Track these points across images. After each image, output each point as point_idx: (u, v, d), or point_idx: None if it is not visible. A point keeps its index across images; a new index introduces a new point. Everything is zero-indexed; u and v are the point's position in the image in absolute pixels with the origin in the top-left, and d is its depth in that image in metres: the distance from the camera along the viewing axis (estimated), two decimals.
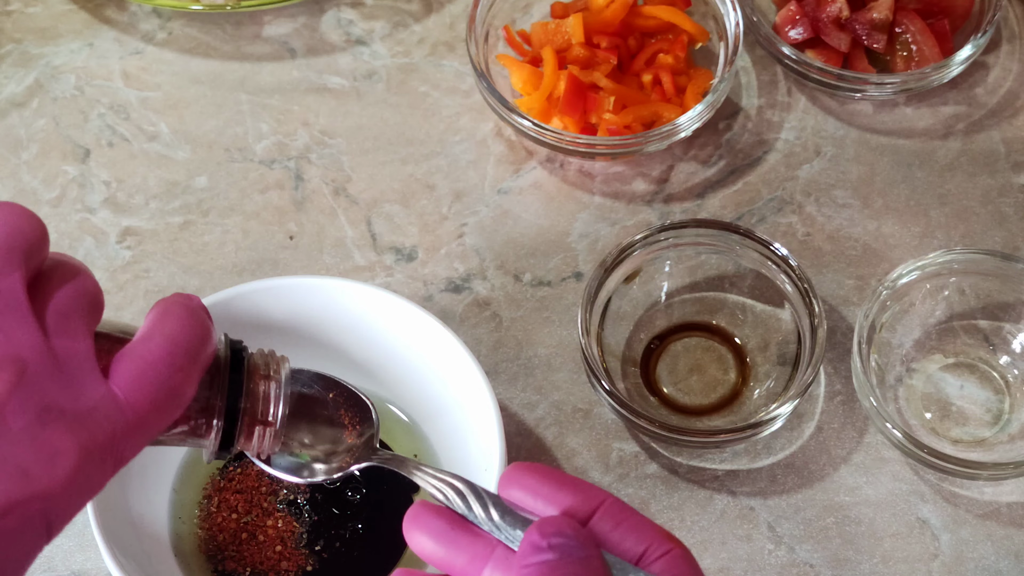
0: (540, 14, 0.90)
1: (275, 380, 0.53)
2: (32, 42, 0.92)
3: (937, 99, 0.88)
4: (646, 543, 0.47)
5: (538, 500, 0.48)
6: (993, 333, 0.79)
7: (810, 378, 0.73)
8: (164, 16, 0.93)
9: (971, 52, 0.84)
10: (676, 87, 0.85)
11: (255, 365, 0.53)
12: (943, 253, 0.78)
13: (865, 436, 0.77)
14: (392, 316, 0.73)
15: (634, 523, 0.47)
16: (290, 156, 0.87)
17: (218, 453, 0.53)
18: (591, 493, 0.48)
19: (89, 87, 0.90)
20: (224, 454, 0.53)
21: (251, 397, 0.52)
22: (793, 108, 0.88)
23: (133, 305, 0.82)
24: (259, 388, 0.53)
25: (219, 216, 0.85)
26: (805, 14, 0.87)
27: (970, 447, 0.76)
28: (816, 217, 0.84)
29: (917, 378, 0.79)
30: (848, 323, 0.81)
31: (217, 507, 0.73)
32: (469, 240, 0.84)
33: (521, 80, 0.86)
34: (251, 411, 0.53)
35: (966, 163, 0.86)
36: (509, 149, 0.87)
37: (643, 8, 0.87)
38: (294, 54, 0.91)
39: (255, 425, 0.53)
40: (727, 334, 0.80)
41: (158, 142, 0.88)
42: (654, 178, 0.86)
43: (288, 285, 0.73)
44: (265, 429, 0.53)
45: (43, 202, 0.86)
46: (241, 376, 0.52)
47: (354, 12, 0.93)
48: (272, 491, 0.73)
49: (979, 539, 0.74)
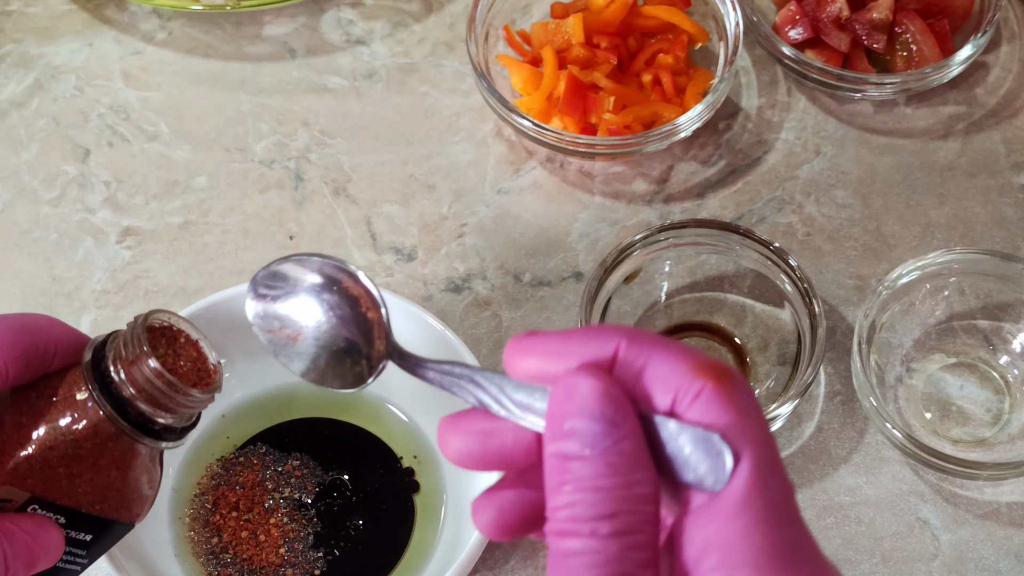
0: (540, 14, 0.90)
1: (143, 358, 0.51)
2: (32, 42, 0.92)
3: (937, 99, 0.88)
4: (674, 388, 0.40)
5: (549, 365, 0.41)
6: (993, 333, 0.79)
7: (810, 378, 0.73)
8: (164, 16, 0.93)
9: (971, 52, 0.84)
10: (676, 87, 0.85)
11: (118, 354, 0.52)
12: (943, 253, 0.78)
13: (865, 436, 0.77)
14: (392, 316, 0.73)
15: (657, 365, 0.40)
16: (290, 156, 0.87)
17: (163, 436, 0.52)
18: (603, 337, 0.40)
19: (89, 87, 0.90)
20: (172, 437, 0.52)
21: (132, 384, 0.51)
22: (793, 108, 0.88)
23: (133, 305, 0.82)
24: (136, 377, 0.51)
25: (219, 216, 0.85)
26: (805, 14, 0.87)
27: (970, 447, 0.76)
28: (816, 217, 0.84)
29: (917, 378, 0.79)
30: (848, 323, 0.81)
31: (215, 504, 0.73)
32: (469, 240, 0.84)
33: (521, 80, 0.86)
34: (145, 395, 0.51)
35: (966, 163, 0.86)
36: (509, 149, 0.87)
37: (643, 8, 0.87)
38: (294, 54, 0.91)
39: (167, 393, 0.51)
40: (727, 334, 0.80)
41: (158, 142, 0.88)
42: (654, 178, 0.86)
43: None
44: (182, 385, 0.51)
45: (43, 202, 0.86)
46: (107, 374, 0.51)
47: (354, 12, 0.93)
48: (276, 488, 0.73)
49: (979, 539, 0.74)
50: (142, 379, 0.50)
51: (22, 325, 0.50)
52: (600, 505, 0.38)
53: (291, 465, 0.74)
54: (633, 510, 0.38)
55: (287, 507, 0.73)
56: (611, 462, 0.39)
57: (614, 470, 0.38)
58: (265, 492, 0.73)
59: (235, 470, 0.74)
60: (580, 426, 0.39)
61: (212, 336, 0.73)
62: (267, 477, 0.74)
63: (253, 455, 0.75)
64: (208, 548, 0.72)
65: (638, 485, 0.39)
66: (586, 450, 0.39)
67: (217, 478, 0.74)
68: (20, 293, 0.83)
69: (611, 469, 0.38)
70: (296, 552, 0.72)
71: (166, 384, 0.50)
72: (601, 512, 0.38)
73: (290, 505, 0.73)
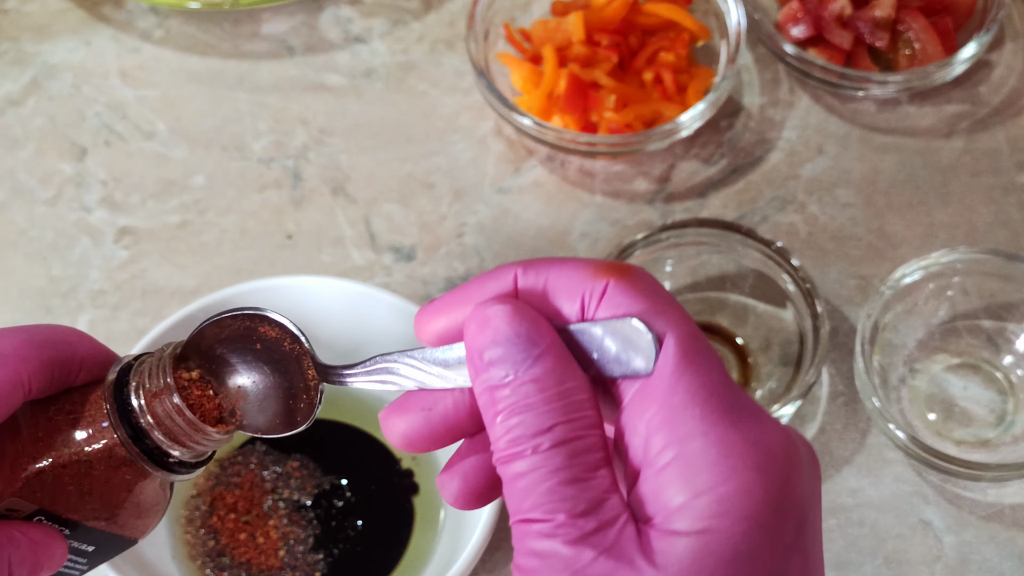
0: (540, 12, 0.89)
1: (166, 392, 0.51)
2: (28, 40, 0.92)
3: (940, 97, 0.88)
4: (579, 294, 0.40)
5: (454, 317, 0.41)
6: (997, 333, 0.79)
7: (812, 379, 0.73)
8: (161, 14, 0.92)
9: (975, 50, 0.84)
10: (677, 85, 0.84)
11: (141, 382, 0.51)
12: (946, 253, 0.77)
13: (868, 437, 0.77)
14: (391, 316, 0.72)
15: (557, 279, 0.40)
16: (288, 155, 0.87)
17: (176, 469, 0.51)
18: (498, 274, 0.41)
19: (86, 85, 0.90)
20: (184, 470, 0.52)
21: (152, 416, 0.50)
22: (795, 106, 0.88)
23: (130, 305, 0.82)
24: (157, 409, 0.51)
25: (216, 215, 0.85)
26: (807, 12, 0.86)
27: (974, 448, 0.76)
28: (818, 216, 0.84)
29: (920, 379, 0.78)
30: (851, 323, 0.80)
31: (212, 506, 0.73)
32: (469, 239, 0.84)
33: (521, 78, 0.85)
34: (164, 428, 0.51)
35: (969, 162, 0.85)
36: (509, 148, 0.87)
37: (644, 6, 0.87)
38: (292, 52, 0.91)
39: (182, 437, 0.51)
40: (729, 334, 0.80)
41: (155, 141, 0.88)
42: (655, 177, 0.85)
43: (286, 285, 0.73)
44: (195, 431, 0.51)
45: (39, 201, 0.85)
46: (127, 400, 0.50)
47: (353, 10, 0.92)
48: (274, 489, 0.73)
49: (982, 541, 0.74)
50: (162, 412, 0.50)
51: (48, 339, 0.50)
52: (536, 422, 0.38)
53: (290, 467, 0.74)
54: (571, 418, 0.38)
55: (286, 509, 0.73)
56: (537, 378, 0.38)
57: (541, 385, 0.38)
58: (264, 493, 0.73)
59: (233, 470, 0.74)
60: (498, 353, 0.39)
61: None
62: (265, 478, 0.73)
63: (252, 455, 0.74)
64: (205, 551, 0.72)
65: (570, 395, 0.38)
66: (509, 374, 0.39)
67: (214, 479, 0.74)
68: (17, 293, 0.83)
69: (538, 385, 0.38)
70: (295, 555, 0.72)
71: (186, 422, 0.50)
72: (539, 428, 0.38)
73: (289, 507, 0.73)
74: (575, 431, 0.38)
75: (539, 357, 0.39)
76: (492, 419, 0.39)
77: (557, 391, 0.38)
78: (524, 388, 0.38)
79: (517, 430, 0.38)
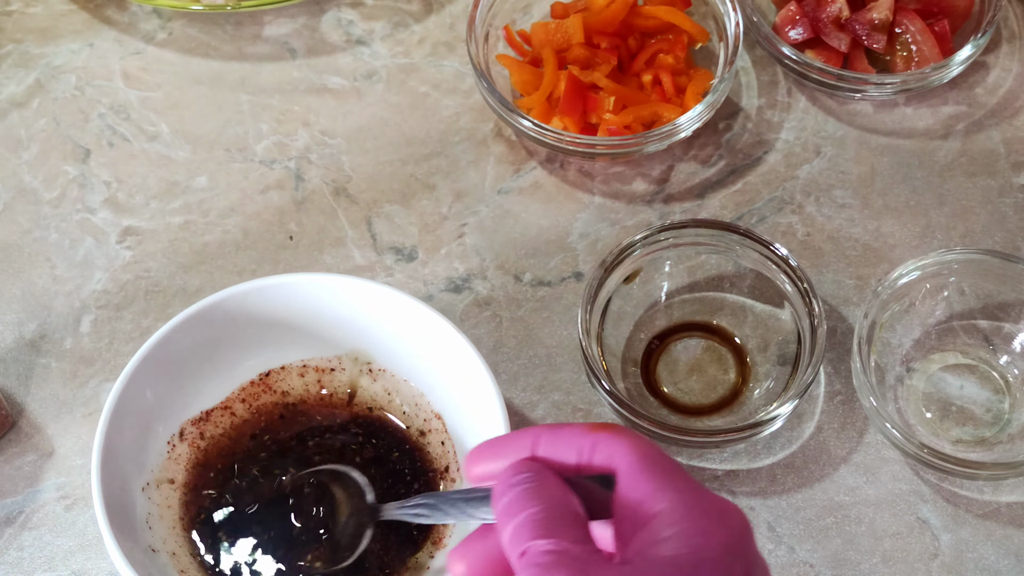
0: (540, 14, 0.90)
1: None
2: (32, 42, 0.92)
3: (937, 99, 0.88)
4: (577, 447, 0.51)
5: (497, 465, 0.52)
6: (993, 333, 0.79)
7: (810, 378, 0.73)
8: (164, 16, 0.93)
9: (971, 52, 0.84)
10: (676, 87, 0.85)
11: None
12: (943, 253, 0.78)
13: (865, 436, 0.77)
14: (397, 312, 0.73)
15: (564, 437, 0.51)
16: (290, 156, 0.87)
17: None
18: (525, 435, 0.52)
19: (89, 87, 0.90)
20: None
21: None
22: (793, 108, 0.88)
23: (133, 305, 0.82)
24: None
25: (219, 216, 0.85)
26: (805, 14, 0.87)
27: (970, 447, 0.76)
28: (816, 217, 0.84)
29: (917, 378, 0.79)
30: (848, 323, 0.81)
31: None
32: (469, 240, 0.84)
33: (521, 80, 0.86)
34: None
35: (966, 163, 0.86)
36: (509, 149, 0.87)
37: (643, 8, 0.87)
38: (294, 54, 0.91)
39: None
40: (727, 334, 0.80)
41: (158, 142, 0.88)
42: (654, 178, 0.86)
43: (287, 283, 0.73)
44: None
45: (43, 202, 0.86)
46: None
47: (354, 12, 0.93)
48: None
49: (979, 539, 0.74)
50: None
51: None
52: (534, 502, 0.49)
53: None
54: (559, 500, 0.49)
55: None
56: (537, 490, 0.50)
57: (540, 492, 0.50)
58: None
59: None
60: (513, 481, 0.50)
61: (210, 336, 0.73)
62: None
63: None
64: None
65: (556, 493, 0.50)
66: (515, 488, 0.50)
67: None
68: (20, 293, 0.83)
69: (537, 491, 0.50)
70: None
71: None
72: (535, 503, 0.49)
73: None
74: (563, 512, 0.49)
75: (539, 480, 0.50)
76: (504, 526, 0.49)
77: (549, 492, 0.50)
78: (526, 494, 0.50)
79: (518, 511, 0.49)
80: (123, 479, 0.69)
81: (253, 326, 0.74)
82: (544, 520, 0.48)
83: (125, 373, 0.70)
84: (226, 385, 0.75)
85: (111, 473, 0.68)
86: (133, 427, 0.70)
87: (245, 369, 0.75)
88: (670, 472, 0.49)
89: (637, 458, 0.49)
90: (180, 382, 0.73)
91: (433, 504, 0.57)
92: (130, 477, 0.70)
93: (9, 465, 0.78)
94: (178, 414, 0.74)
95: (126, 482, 0.70)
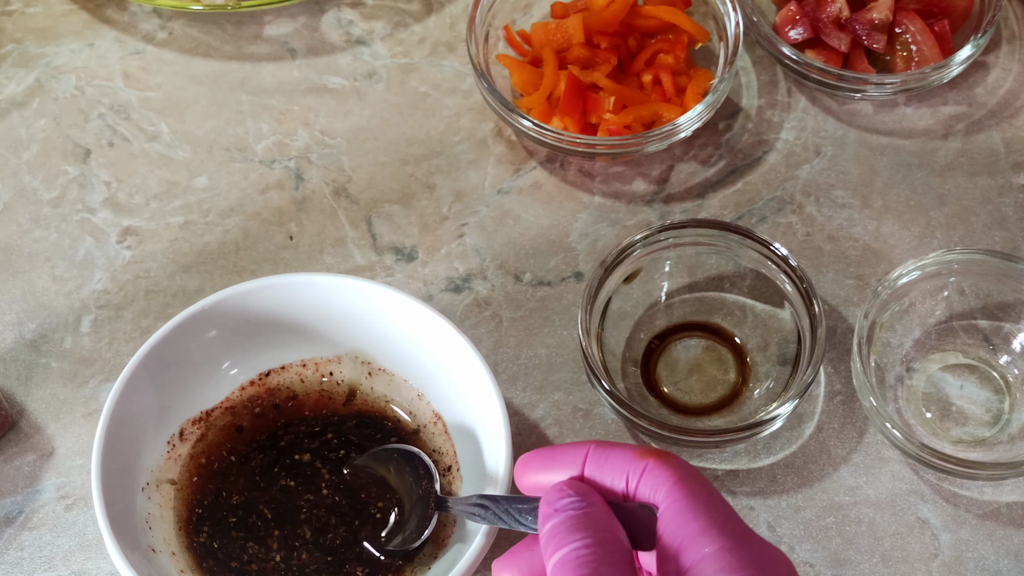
0: (540, 14, 0.90)
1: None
2: (32, 42, 0.92)
3: (937, 99, 0.88)
4: (624, 472, 0.51)
5: (546, 478, 0.53)
6: (993, 333, 0.79)
7: (810, 378, 0.73)
8: (164, 16, 0.93)
9: (971, 52, 0.84)
10: (676, 87, 0.85)
11: None
12: (943, 253, 0.78)
13: (865, 436, 0.77)
14: (396, 311, 0.73)
15: (614, 458, 0.52)
16: (290, 156, 0.87)
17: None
18: (576, 449, 0.53)
19: (89, 87, 0.90)
20: None
21: None
22: (793, 108, 0.88)
23: (133, 305, 0.82)
24: None
25: (219, 216, 0.85)
26: (805, 14, 0.87)
27: (970, 447, 0.76)
28: (816, 217, 0.84)
29: (917, 378, 0.79)
30: (848, 323, 0.81)
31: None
32: (469, 240, 0.84)
33: (521, 80, 0.86)
34: None
35: (966, 163, 0.86)
36: (509, 149, 0.87)
37: (643, 8, 0.87)
38: (294, 54, 0.91)
39: None
40: (727, 334, 0.80)
41: (158, 142, 0.88)
42: (654, 178, 0.86)
43: (287, 283, 0.73)
44: None
45: (43, 202, 0.86)
46: None
47: (354, 12, 0.93)
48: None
49: (979, 539, 0.74)
50: None
51: None
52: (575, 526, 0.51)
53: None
54: (607, 535, 0.50)
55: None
56: (584, 521, 0.51)
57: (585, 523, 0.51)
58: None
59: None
60: (561, 504, 0.51)
61: (210, 336, 0.73)
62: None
63: None
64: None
65: (600, 518, 0.51)
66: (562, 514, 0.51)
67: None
68: (20, 293, 0.83)
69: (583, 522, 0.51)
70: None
71: None
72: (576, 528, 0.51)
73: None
74: (608, 539, 0.50)
75: (586, 506, 0.52)
76: (549, 556, 0.51)
77: (595, 524, 0.51)
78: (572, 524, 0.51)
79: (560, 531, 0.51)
80: (123, 479, 0.69)
81: (253, 326, 0.74)
82: (589, 559, 0.48)
83: (125, 373, 0.70)
84: (226, 385, 0.75)
85: (111, 473, 0.68)
86: (133, 427, 0.70)
87: (245, 369, 0.75)
88: (718, 512, 0.49)
89: (684, 494, 0.50)
90: (180, 382, 0.73)
91: (487, 507, 0.59)
92: (130, 477, 0.70)
93: (9, 465, 0.78)
94: (178, 414, 0.74)
95: (126, 482, 0.70)
